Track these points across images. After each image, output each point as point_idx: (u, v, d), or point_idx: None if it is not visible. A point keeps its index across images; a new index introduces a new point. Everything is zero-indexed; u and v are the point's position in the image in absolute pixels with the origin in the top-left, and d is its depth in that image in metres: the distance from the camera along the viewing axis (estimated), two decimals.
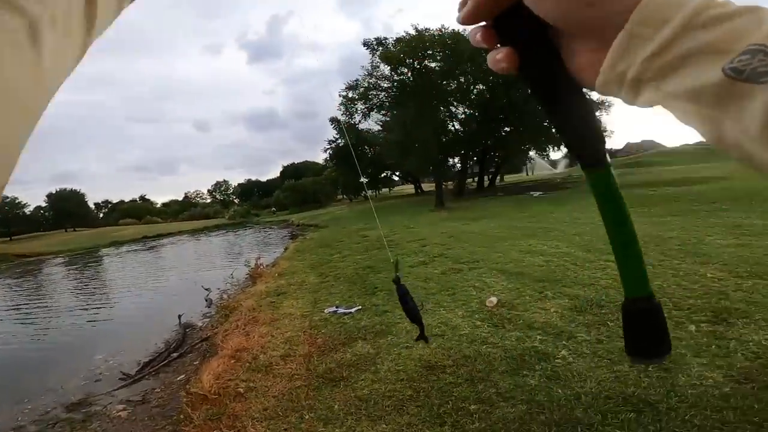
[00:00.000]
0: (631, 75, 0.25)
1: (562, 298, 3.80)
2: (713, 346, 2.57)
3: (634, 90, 0.26)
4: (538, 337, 3.09)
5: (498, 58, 0.32)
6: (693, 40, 0.23)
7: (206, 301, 7.15)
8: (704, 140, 0.25)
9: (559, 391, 2.39)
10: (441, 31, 19.93)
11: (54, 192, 67.89)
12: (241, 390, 3.01)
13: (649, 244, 5.17)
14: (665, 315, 0.34)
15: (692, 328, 2.83)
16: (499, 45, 0.33)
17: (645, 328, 0.35)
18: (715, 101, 0.22)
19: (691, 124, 0.24)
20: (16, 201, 63.21)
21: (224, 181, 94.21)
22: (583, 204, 11.41)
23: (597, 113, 0.34)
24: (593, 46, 0.28)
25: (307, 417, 2.55)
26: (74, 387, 4.13)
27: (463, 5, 0.32)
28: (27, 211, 64.51)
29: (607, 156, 0.33)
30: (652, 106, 0.26)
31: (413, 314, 0.62)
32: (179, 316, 5.91)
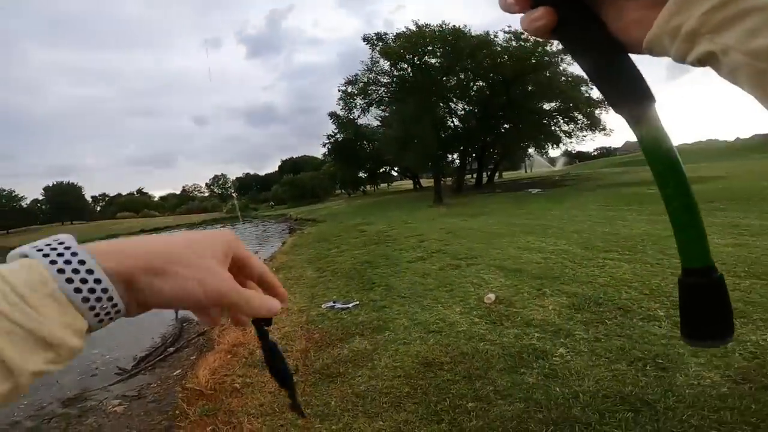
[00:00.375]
0: (687, 28, 0.26)
1: (560, 295, 3.80)
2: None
3: (688, 43, 0.27)
4: (536, 334, 3.08)
5: (535, 16, 0.32)
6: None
7: None
8: (751, 95, 0.26)
9: (557, 389, 2.38)
10: (441, 28, 19.81)
11: (51, 185, 67.58)
12: (237, 385, 3.00)
13: (647, 243, 5.17)
14: (727, 290, 0.30)
15: None
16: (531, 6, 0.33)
17: (704, 306, 0.31)
18: None
19: (739, 77, 0.26)
20: (13, 194, 62.84)
21: (222, 174, 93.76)
22: (582, 201, 11.41)
23: (604, 108, 0.32)
24: (645, 2, 0.29)
25: None
26: (70, 382, 4.09)
27: None
28: (24, 204, 64.16)
29: (658, 113, 0.32)
30: (701, 61, 0.27)
31: (282, 376, 0.43)
32: (176, 311, 5.88)
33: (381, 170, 39.65)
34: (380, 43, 20.67)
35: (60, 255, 0.30)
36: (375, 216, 15.17)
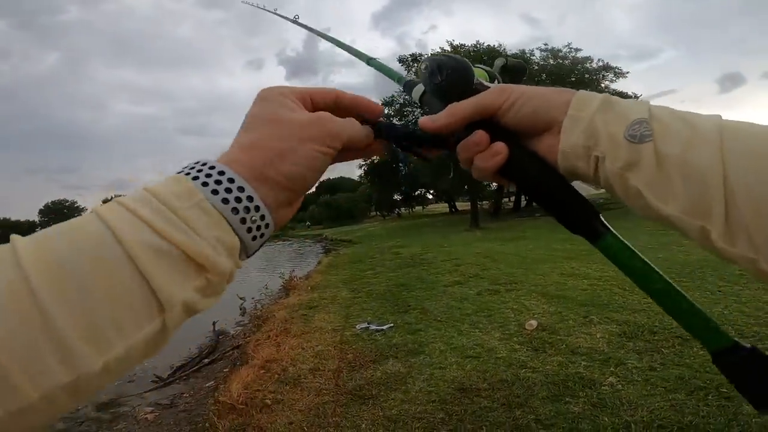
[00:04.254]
0: (581, 143, 0.33)
1: (609, 323, 3.54)
2: None
3: (586, 154, 0.33)
4: (583, 362, 2.87)
5: (496, 150, 0.37)
6: (602, 118, 0.33)
7: (240, 309, 7.23)
8: (618, 194, 0.33)
9: (606, 419, 2.20)
10: (476, 47, 19.90)
11: (109, 198, 72.51)
12: (269, 402, 2.96)
13: (706, 270, 4.78)
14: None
15: None
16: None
17: (749, 380, 0.31)
18: (622, 164, 0.31)
19: (611, 179, 0.32)
20: (75, 204, 67.93)
21: None
22: (631, 225, 10.80)
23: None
24: (549, 135, 0.36)
25: None
26: (107, 386, 4.20)
27: (447, 117, 0.39)
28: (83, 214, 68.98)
29: (605, 224, 0.36)
30: (597, 172, 0.33)
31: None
32: (213, 323, 5.99)
33: (416, 193, 39.63)
34: (416, 64, 21.02)
35: (199, 171, 0.28)
36: (410, 239, 15.06)
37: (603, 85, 19.65)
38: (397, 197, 39.92)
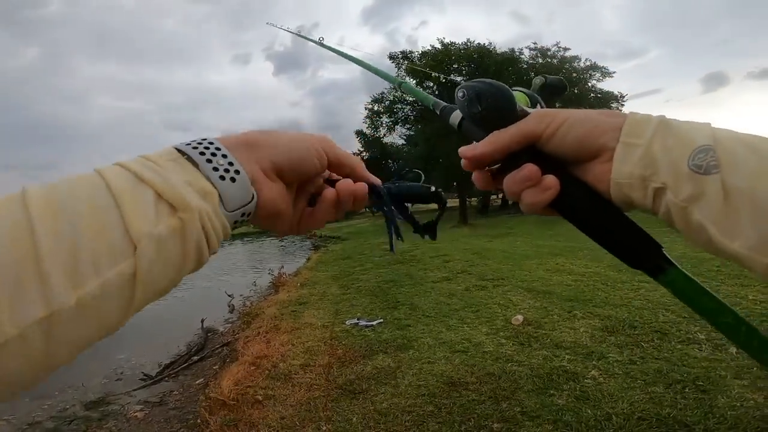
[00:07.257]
0: (637, 173, 0.31)
1: (592, 318, 3.65)
2: (755, 368, 2.44)
3: (643, 185, 0.31)
4: (567, 356, 2.96)
5: (546, 184, 0.35)
6: (662, 144, 0.30)
7: (229, 306, 7.21)
8: (677, 227, 0.30)
9: (589, 411, 2.28)
10: (467, 45, 20.01)
11: None
12: (260, 397, 2.99)
13: (686, 265, 4.88)
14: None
15: (733, 350, 2.67)
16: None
17: None
18: (686, 196, 0.28)
19: (672, 212, 0.30)
20: None
21: None
22: None
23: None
24: (598, 163, 0.34)
25: (324, 428, 2.50)
26: (95, 385, 4.19)
27: (487, 146, 0.37)
28: None
29: (669, 259, 0.34)
30: (655, 198, 0.31)
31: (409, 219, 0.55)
32: (202, 320, 5.97)
33: None
34: (406, 62, 21.00)
35: (195, 142, 0.32)
36: None
37: (590, 84, 19.97)
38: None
